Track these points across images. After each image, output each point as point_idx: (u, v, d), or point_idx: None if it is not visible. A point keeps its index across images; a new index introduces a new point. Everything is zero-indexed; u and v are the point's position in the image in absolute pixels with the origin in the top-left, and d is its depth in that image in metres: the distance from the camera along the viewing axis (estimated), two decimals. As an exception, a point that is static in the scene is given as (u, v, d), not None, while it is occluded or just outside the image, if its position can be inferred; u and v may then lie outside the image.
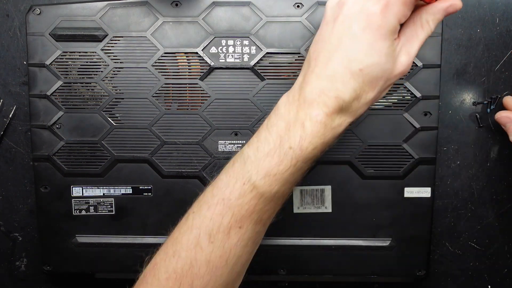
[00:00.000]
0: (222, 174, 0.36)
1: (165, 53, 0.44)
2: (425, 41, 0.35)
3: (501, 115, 0.46)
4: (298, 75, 0.44)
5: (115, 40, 0.44)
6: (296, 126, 0.33)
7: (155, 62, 0.44)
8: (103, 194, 0.46)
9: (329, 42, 0.33)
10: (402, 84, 0.44)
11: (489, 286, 0.51)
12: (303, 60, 0.44)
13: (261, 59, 0.44)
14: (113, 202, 0.46)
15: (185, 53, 0.44)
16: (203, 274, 0.34)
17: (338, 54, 0.33)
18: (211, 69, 0.44)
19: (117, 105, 0.45)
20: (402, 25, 0.34)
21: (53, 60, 0.44)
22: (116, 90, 0.45)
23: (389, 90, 0.44)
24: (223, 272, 0.35)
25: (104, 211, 0.46)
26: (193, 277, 0.34)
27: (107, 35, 0.44)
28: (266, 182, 0.34)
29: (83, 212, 0.46)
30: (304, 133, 0.33)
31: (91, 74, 0.45)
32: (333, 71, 0.33)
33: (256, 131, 0.36)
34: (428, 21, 0.34)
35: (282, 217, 0.46)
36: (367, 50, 0.32)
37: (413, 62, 0.44)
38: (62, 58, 0.44)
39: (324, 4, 0.44)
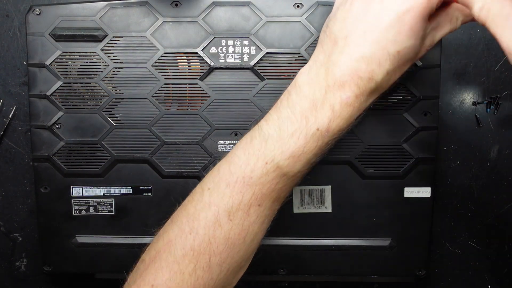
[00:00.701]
0: (238, 150, 0.35)
1: (165, 53, 0.44)
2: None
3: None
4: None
5: (115, 40, 0.44)
6: (325, 108, 0.33)
7: (155, 62, 0.44)
8: (103, 194, 0.46)
9: (365, 21, 0.32)
10: (402, 84, 0.44)
11: (489, 286, 0.51)
12: (303, 60, 0.44)
13: (261, 59, 0.44)
14: (113, 202, 0.46)
15: (185, 53, 0.44)
16: (221, 251, 0.34)
17: (375, 34, 0.32)
18: (211, 69, 0.44)
19: (117, 105, 0.45)
20: (435, 12, 0.34)
21: (53, 60, 0.44)
22: (116, 90, 0.45)
23: (389, 90, 0.44)
24: (240, 249, 0.35)
25: (104, 211, 0.46)
26: (210, 254, 0.34)
27: (107, 35, 0.44)
28: (290, 162, 0.34)
29: (83, 212, 0.46)
30: (333, 115, 0.33)
31: (91, 74, 0.45)
32: (370, 52, 0.32)
33: (274, 105, 0.35)
34: (458, 19, 0.34)
35: (281, 217, 0.46)
36: (407, 32, 0.31)
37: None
38: (62, 58, 0.44)
39: (324, 4, 0.44)
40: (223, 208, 0.34)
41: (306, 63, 0.44)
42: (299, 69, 0.44)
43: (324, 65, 0.34)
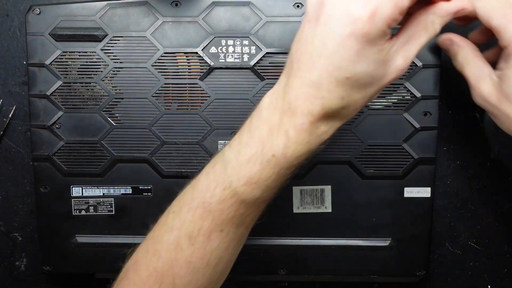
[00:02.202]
0: (202, 174, 0.35)
1: (165, 53, 0.44)
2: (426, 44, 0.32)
3: (442, 38, 0.40)
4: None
5: (115, 40, 0.44)
6: (280, 134, 0.31)
7: (155, 62, 0.44)
8: (103, 194, 0.46)
9: (312, 45, 0.30)
10: (402, 84, 0.44)
11: (489, 286, 0.51)
12: (303, 60, 0.44)
13: (261, 59, 0.44)
14: (113, 202, 0.46)
15: (185, 53, 0.44)
16: (184, 274, 0.34)
17: (322, 60, 0.30)
18: (211, 69, 0.44)
19: (117, 105, 0.45)
20: (403, 23, 0.32)
21: (53, 60, 0.44)
22: (116, 90, 0.45)
23: (389, 90, 0.44)
24: (204, 273, 0.35)
25: (104, 211, 0.46)
26: (174, 276, 0.34)
27: (107, 35, 0.44)
28: (248, 189, 0.33)
29: (83, 212, 0.46)
30: (288, 141, 0.31)
31: (91, 74, 0.45)
32: (318, 77, 0.30)
33: (239, 130, 0.35)
34: (434, 23, 0.32)
35: (281, 217, 0.46)
36: (353, 57, 0.29)
37: (413, 62, 0.44)
38: (62, 58, 0.44)
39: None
40: (184, 232, 0.34)
41: (306, 63, 0.44)
42: (299, 69, 0.44)
43: (283, 88, 0.32)
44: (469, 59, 0.38)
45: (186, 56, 0.45)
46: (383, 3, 0.28)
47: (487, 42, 0.39)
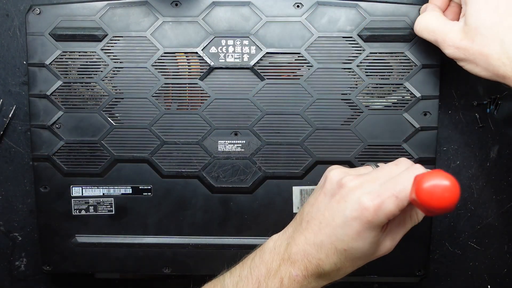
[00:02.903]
0: None
1: (165, 53, 0.44)
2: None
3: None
4: (298, 76, 0.44)
5: (115, 40, 0.44)
6: (276, 278, 0.36)
7: (155, 62, 0.44)
8: (103, 194, 0.46)
9: (323, 214, 0.36)
10: (402, 84, 0.44)
11: (489, 286, 0.51)
12: (303, 60, 0.44)
13: (261, 59, 0.44)
14: (112, 202, 0.46)
15: (185, 53, 0.44)
16: None
17: (328, 229, 0.35)
18: (211, 69, 0.44)
19: (117, 105, 0.45)
20: None
21: (53, 60, 0.44)
22: (116, 90, 0.45)
23: (389, 90, 0.45)
24: None
25: (103, 211, 0.46)
26: None
27: (107, 35, 0.44)
28: None
29: (83, 212, 0.46)
30: (281, 287, 0.36)
31: (91, 74, 0.45)
32: (320, 242, 0.35)
33: (242, 261, 0.39)
34: (417, 214, 0.37)
35: (281, 217, 0.46)
36: (354, 236, 0.34)
37: (413, 62, 0.44)
38: (62, 58, 0.44)
39: (324, 4, 0.44)
40: None
41: (306, 63, 0.44)
42: (299, 69, 0.44)
43: (288, 239, 0.37)
44: (433, 20, 0.40)
45: (186, 56, 0.45)
46: (388, 201, 0.33)
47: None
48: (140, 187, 0.46)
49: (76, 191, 0.46)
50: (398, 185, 0.34)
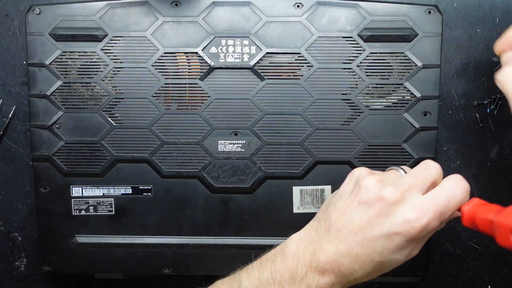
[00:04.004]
0: None
1: (165, 53, 0.44)
2: None
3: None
4: (298, 76, 0.44)
5: (115, 40, 0.44)
6: (302, 285, 0.35)
7: (155, 62, 0.44)
8: (103, 194, 0.46)
9: (358, 226, 0.34)
10: (402, 84, 0.44)
11: (489, 286, 0.51)
12: (303, 60, 0.44)
13: (261, 59, 0.44)
14: (112, 202, 0.46)
15: (185, 53, 0.44)
16: None
17: (365, 242, 0.34)
18: (211, 69, 0.44)
19: (117, 105, 0.45)
20: None
21: (53, 60, 0.44)
22: (116, 90, 0.45)
23: (389, 90, 0.45)
24: None
25: (103, 211, 0.46)
26: None
27: (107, 35, 0.44)
28: None
29: (83, 212, 0.46)
30: None
31: (91, 74, 0.45)
32: (356, 254, 0.34)
33: (260, 261, 0.38)
34: (444, 223, 0.36)
35: (281, 217, 0.46)
36: (394, 249, 0.33)
37: (413, 62, 0.44)
38: (62, 58, 0.44)
39: (324, 4, 0.44)
40: None
41: (306, 63, 0.44)
42: (299, 69, 0.44)
43: (313, 244, 0.36)
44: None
45: (186, 56, 0.45)
46: (433, 217, 0.33)
47: None
48: (140, 187, 0.46)
49: (76, 191, 0.46)
50: (442, 200, 0.33)
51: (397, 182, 0.35)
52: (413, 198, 0.34)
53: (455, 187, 0.34)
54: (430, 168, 0.36)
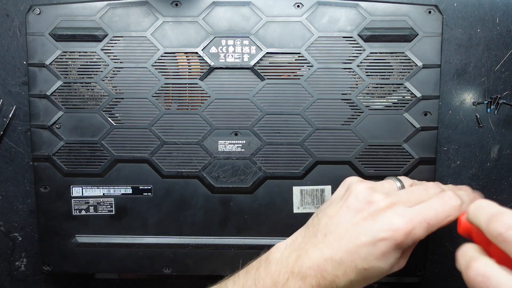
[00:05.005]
0: None
1: (165, 53, 0.44)
2: None
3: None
4: (298, 76, 0.44)
5: (115, 40, 0.44)
6: None
7: (155, 62, 0.44)
8: (103, 194, 0.46)
9: (345, 230, 0.34)
10: (402, 84, 0.44)
11: (489, 286, 0.51)
12: (304, 60, 0.44)
13: (261, 59, 0.44)
14: (113, 202, 0.46)
15: (185, 53, 0.44)
16: None
17: (350, 247, 0.33)
18: (211, 69, 0.44)
19: (117, 105, 0.45)
20: None
21: (53, 60, 0.44)
22: (116, 90, 0.45)
23: (390, 90, 0.45)
24: None
25: (104, 211, 0.46)
26: None
27: (107, 35, 0.44)
28: None
29: (83, 212, 0.46)
30: None
31: (91, 74, 0.45)
32: (340, 259, 0.34)
33: (246, 269, 0.37)
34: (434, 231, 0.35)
35: (281, 217, 0.46)
36: (378, 256, 0.33)
37: (413, 62, 0.44)
38: (62, 58, 0.44)
39: (324, 4, 0.44)
40: None
41: (306, 63, 0.44)
42: (299, 69, 0.44)
43: (298, 250, 0.35)
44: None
45: (186, 56, 0.44)
46: (419, 226, 0.33)
47: None
48: (140, 187, 0.46)
49: (76, 191, 0.46)
50: (430, 211, 0.33)
51: (389, 192, 0.35)
52: (401, 208, 0.34)
53: (445, 201, 0.34)
54: (429, 190, 0.36)
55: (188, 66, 0.45)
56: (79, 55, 0.44)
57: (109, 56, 0.44)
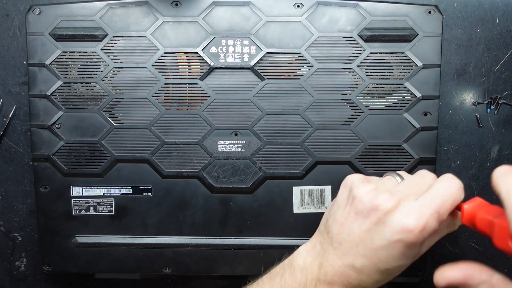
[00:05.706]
0: None
1: (165, 53, 0.44)
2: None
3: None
4: (298, 76, 0.44)
5: (115, 40, 0.44)
6: None
7: (155, 62, 0.44)
8: (103, 194, 0.46)
9: (359, 237, 0.34)
10: (402, 84, 0.44)
11: (489, 286, 0.51)
12: (303, 60, 0.44)
13: (261, 59, 0.44)
14: (113, 202, 0.46)
15: (185, 53, 0.44)
16: None
17: (368, 253, 0.34)
18: (211, 69, 0.44)
19: (117, 105, 0.45)
20: None
21: (53, 60, 0.44)
22: (116, 90, 0.45)
23: (390, 90, 0.45)
24: None
25: (104, 211, 0.46)
26: None
27: (107, 35, 0.44)
28: None
29: (83, 212, 0.46)
30: None
31: (91, 74, 0.45)
32: (361, 265, 0.34)
33: (269, 275, 0.38)
34: (456, 224, 0.36)
35: (281, 217, 0.46)
36: (398, 256, 0.33)
37: (413, 62, 0.44)
38: (62, 58, 0.44)
39: (324, 4, 0.44)
40: None
41: (306, 63, 0.44)
42: (299, 69, 0.44)
43: (319, 257, 0.36)
44: None
45: (186, 56, 0.44)
46: (431, 218, 0.33)
47: None
48: (140, 187, 0.46)
49: (76, 191, 0.46)
50: (437, 200, 0.33)
51: (392, 189, 0.35)
52: (408, 204, 0.34)
53: (448, 186, 0.34)
54: (425, 177, 0.36)
55: (188, 66, 0.45)
56: (79, 55, 0.44)
57: (109, 56, 0.44)
